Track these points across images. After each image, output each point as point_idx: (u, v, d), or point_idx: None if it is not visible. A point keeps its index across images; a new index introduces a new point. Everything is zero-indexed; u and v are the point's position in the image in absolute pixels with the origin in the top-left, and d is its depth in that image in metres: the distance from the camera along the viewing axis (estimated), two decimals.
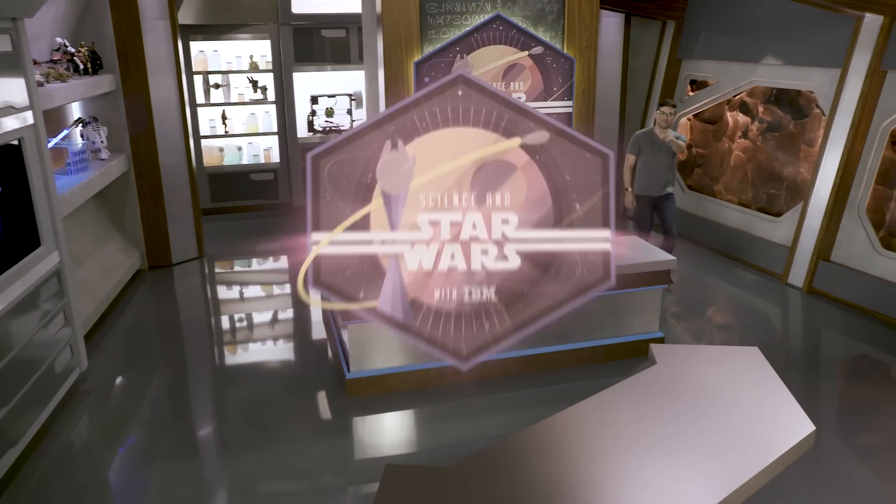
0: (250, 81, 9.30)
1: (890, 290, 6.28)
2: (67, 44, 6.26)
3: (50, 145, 5.37)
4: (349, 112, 9.63)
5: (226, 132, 9.42)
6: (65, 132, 6.38)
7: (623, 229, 7.87)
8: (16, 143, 4.27)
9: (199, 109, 9.20)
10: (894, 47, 6.31)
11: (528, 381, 5.21)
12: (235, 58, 9.22)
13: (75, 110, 6.77)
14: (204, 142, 9.33)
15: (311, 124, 9.53)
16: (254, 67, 9.27)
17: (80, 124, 6.55)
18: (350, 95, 9.58)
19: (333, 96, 9.54)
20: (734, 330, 6.12)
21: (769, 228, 7.64)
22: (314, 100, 9.45)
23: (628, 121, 9.38)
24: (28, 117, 4.39)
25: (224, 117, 9.35)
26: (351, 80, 9.51)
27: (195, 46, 9.04)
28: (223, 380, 5.45)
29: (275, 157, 9.64)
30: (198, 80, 9.16)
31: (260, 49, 9.27)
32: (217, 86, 9.26)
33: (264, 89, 9.36)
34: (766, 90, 8.07)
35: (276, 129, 9.50)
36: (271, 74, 9.29)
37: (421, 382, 5.13)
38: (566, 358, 5.38)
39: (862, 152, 6.63)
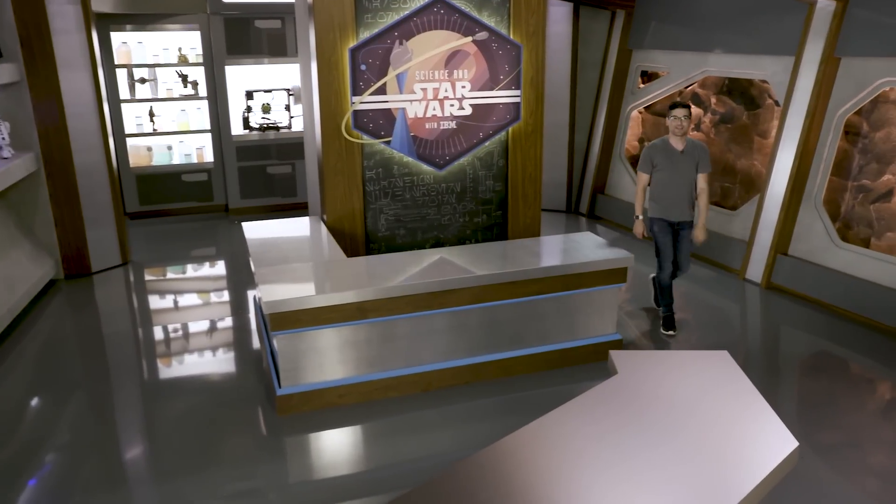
0: (179, 76, 8.70)
1: (849, 284, 6.09)
2: None
3: None
4: (287, 108, 9.10)
5: (154, 130, 8.79)
6: None
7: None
8: None
9: (123, 106, 8.56)
10: (847, 33, 6.11)
11: (479, 390, 4.81)
12: (163, 50, 8.60)
13: None
14: (130, 140, 8.70)
15: (246, 121, 8.97)
16: (183, 61, 8.67)
17: None
18: (288, 90, 9.05)
19: (270, 91, 9.00)
20: (692, 329, 5.82)
21: (725, 223, 7.41)
22: (249, 95, 8.90)
23: (579, 113, 9.07)
24: None
25: (152, 114, 8.73)
26: (288, 73, 8.99)
27: (117, 37, 8.41)
28: (152, 397, 4.90)
29: (208, 157, 9.05)
30: (121, 73, 8.52)
31: (189, 41, 8.68)
32: (143, 80, 8.63)
33: (195, 84, 8.77)
34: (718, 81, 7.85)
35: (208, 127, 8.91)
36: (202, 68, 8.70)
37: (362, 396, 4.68)
38: (519, 365, 5.00)
39: (818, 142, 6.43)
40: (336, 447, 4.32)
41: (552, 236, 5.65)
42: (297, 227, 6.00)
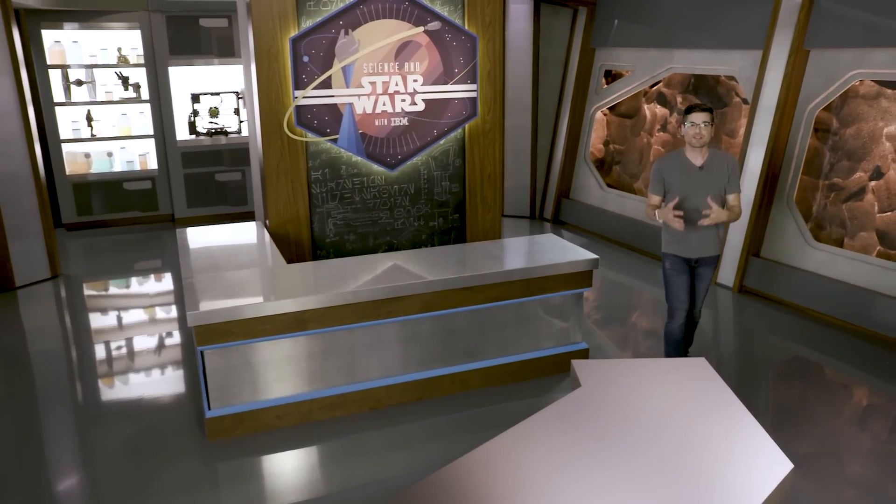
0: (120, 77, 8.19)
1: (823, 285, 5.80)
2: None
3: None
4: (237, 112, 8.63)
5: (92, 136, 8.25)
6: None
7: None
8: None
9: (57, 109, 8.01)
10: (817, 24, 5.86)
11: (432, 407, 4.39)
12: (101, 50, 8.08)
13: None
14: (65, 146, 8.15)
15: (192, 126, 8.48)
16: (123, 62, 8.16)
17: None
18: (237, 93, 8.59)
19: (218, 94, 8.52)
20: (661, 337, 5.46)
21: None
22: (195, 98, 8.41)
23: (542, 115, 8.73)
24: None
25: (90, 119, 8.19)
26: (237, 76, 8.53)
27: (49, 36, 7.87)
28: (82, 422, 4.37)
29: (152, 164, 8.53)
30: (55, 75, 7.98)
31: (130, 40, 8.17)
32: (80, 82, 8.10)
33: (137, 87, 8.26)
34: (684, 79, 7.58)
35: (152, 132, 8.39)
36: (144, 70, 8.19)
37: (303, 416, 4.23)
38: (476, 378, 4.58)
39: (788, 139, 6.16)
40: (273, 474, 3.85)
41: (512, 239, 5.25)
42: (235, 234, 5.54)
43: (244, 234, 5.50)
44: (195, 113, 8.45)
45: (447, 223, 5.85)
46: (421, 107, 5.49)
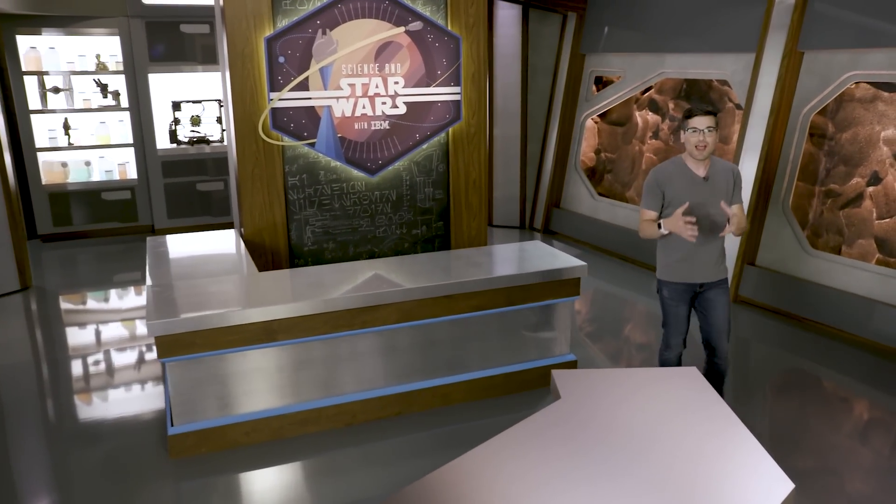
0: (98, 85, 7.98)
1: (821, 294, 5.59)
2: None
3: None
4: (219, 120, 8.43)
5: (70, 144, 8.03)
6: None
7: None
8: None
9: (33, 117, 7.79)
10: (811, 25, 5.70)
11: (411, 423, 4.15)
12: (79, 57, 7.89)
13: None
14: (42, 155, 7.93)
15: (173, 134, 8.27)
16: (102, 68, 7.96)
17: None
18: (219, 101, 8.40)
19: (199, 102, 8.32)
20: (654, 350, 5.24)
21: None
22: (176, 106, 8.21)
23: (531, 123, 8.55)
24: None
25: (67, 127, 7.97)
26: (219, 82, 8.34)
27: (24, 41, 7.66)
28: (48, 440, 4.11)
29: (132, 173, 8.31)
30: (30, 81, 7.76)
31: (109, 47, 7.98)
32: (57, 90, 7.89)
33: (116, 94, 8.06)
34: (676, 85, 7.41)
35: (132, 141, 8.18)
36: (124, 77, 7.99)
37: (273, 433, 3.99)
38: (458, 392, 4.34)
39: (783, 144, 5.97)
40: (241, 495, 3.59)
41: (496, 246, 5.04)
42: (208, 242, 5.31)
43: (217, 242, 5.28)
44: (176, 121, 8.24)
45: (431, 231, 5.64)
46: (402, 110, 5.30)
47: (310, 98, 5.07)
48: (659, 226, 3.70)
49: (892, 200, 5.58)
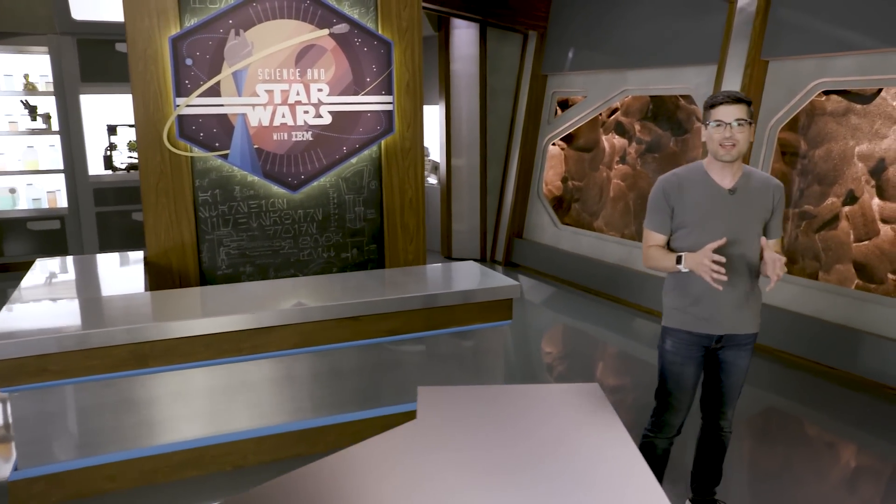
0: (26, 106, 7.50)
1: (800, 324, 5.04)
2: None
3: None
4: None
5: None
6: None
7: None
8: None
9: None
10: (774, 32, 5.29)
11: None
12: (5, 76, 7.42)
13: None
14: None
15: (108, 160, 7.76)
16: (31, 89, 7.49)
17: None
18: None
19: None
20: (626, 390, 4.66)
21: None
22: (112, 130, 7.72)
23: (491, 148, 8.08)
24: None
25: None
26: None
27: None
28: None
29: (62, 202, 7.76)
30: None
31: (38, 66, 7.52)
32: None
33: (47, 117, 7.56)
34: (642, 107, 6.98)
35: (62, 167, 7.65)
36: (54, 98, 7.51)
37: (144, 478, 3.36)
38: (369, 429, 3.72)
39: (749, 161, 5.50)
40: None
41: (423, 266, 4.49)
42: (104, 263, 4.73)
43: (115, 263, 4.70)
44: (112, 146, 7.74)
45: (362, 255, 5.09)
46: (327, 119, 4.80)
47: (222, 105, 4.57)
48: (678, 259, 2.67)
49: (869, 221, 5.09)
